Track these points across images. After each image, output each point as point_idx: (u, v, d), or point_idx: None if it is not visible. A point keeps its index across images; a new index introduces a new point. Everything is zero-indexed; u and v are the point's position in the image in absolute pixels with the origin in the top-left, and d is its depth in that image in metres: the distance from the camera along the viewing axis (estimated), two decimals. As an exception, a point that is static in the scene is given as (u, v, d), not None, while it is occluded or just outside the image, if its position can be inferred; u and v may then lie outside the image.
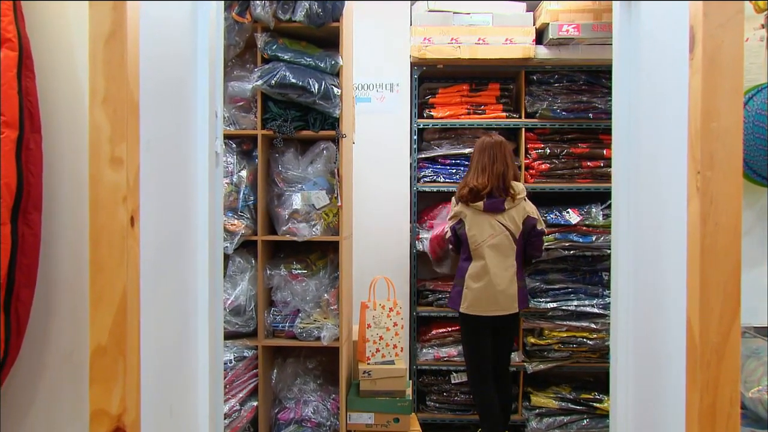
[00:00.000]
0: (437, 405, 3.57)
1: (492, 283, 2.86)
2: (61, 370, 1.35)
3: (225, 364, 2.66)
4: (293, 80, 2.64)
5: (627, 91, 1.64)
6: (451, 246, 3.11)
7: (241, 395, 2.72)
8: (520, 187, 2.95)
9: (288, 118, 2.75)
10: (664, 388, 1.33)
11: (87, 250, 1.16)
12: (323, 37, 2.85)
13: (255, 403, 2.80)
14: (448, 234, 3.07)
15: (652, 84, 1.46)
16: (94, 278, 1.12)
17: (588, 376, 3.64)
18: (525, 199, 2.96)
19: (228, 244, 2.70)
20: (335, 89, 2.72)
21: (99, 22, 1.11)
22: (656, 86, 1.43)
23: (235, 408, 2.67)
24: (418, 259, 3.63)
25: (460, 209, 2.96)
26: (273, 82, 2.66)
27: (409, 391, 3.04)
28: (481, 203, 2.87)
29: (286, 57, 2.72)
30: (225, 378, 2.63)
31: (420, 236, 3.58)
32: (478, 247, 2.89)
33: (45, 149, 1.32)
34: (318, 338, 2.79)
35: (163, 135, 1.38)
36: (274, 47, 2.73)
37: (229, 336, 2.79)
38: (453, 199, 3.07)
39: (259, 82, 2.68)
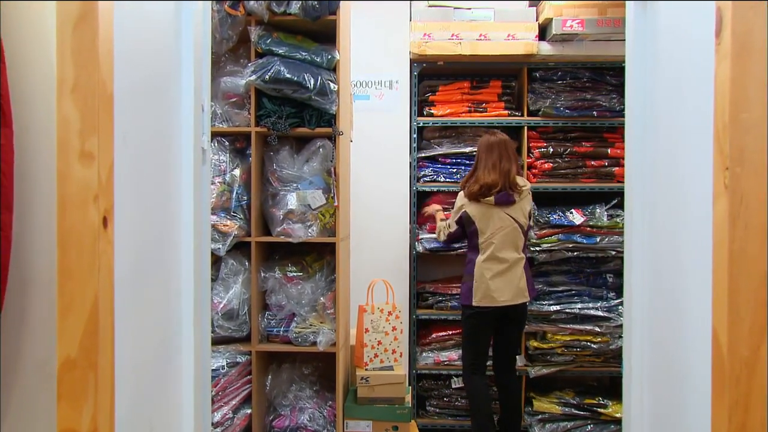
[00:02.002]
0: (437, 410, 3.50)
1: (503, 273, 2.88)
2: (34, 382, 1.26)
3: (217, 370, 2.59)
4: (288, 75, 2.56)
5: (642, 88, 1.55)
6: (449, 233, 3.06)
7: (234, 402, 2.64)
8: (524, 180, 3.01)
9: (283, 114, 2.67)
10: (685, 406, 1.23)
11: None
12: (319, 31, 2.77)
13: (248, 411, 2.72)
14: (453, 228, 3.03)
15: (671, 78, 1.37)
16: (63, 285, 1.02)
17: (592, 380, 3.59)
18: (529, 192, 3.03)
19: (220, 246, 2.62)
20: (332, 85, 2.64)
21: (67, 5, 1.01)
22: (676, 80, 1.34)
23: (227, 416, 2.60)
24: (417, 260, 3.54)
25: (465, 203, 2.95)
26: (267, 77, 2.57)
27: (408, 398, 2.95)
28: (492, 198, 2.90)
29: (280, 51, 2.64)
30: (217, 385, 2.55)
31: (419, 237, 3.50)
32: (488, 239, 2.91)
33: (17, 145, 1.23)
34: (314, 343, 2.70)
35: (143, 129, 1.28)
36: (268, 41, 2.65)
37: (221, 341, 2.71)
38: (460, 193, 3.03)
39: (253, 77, 2.60)
